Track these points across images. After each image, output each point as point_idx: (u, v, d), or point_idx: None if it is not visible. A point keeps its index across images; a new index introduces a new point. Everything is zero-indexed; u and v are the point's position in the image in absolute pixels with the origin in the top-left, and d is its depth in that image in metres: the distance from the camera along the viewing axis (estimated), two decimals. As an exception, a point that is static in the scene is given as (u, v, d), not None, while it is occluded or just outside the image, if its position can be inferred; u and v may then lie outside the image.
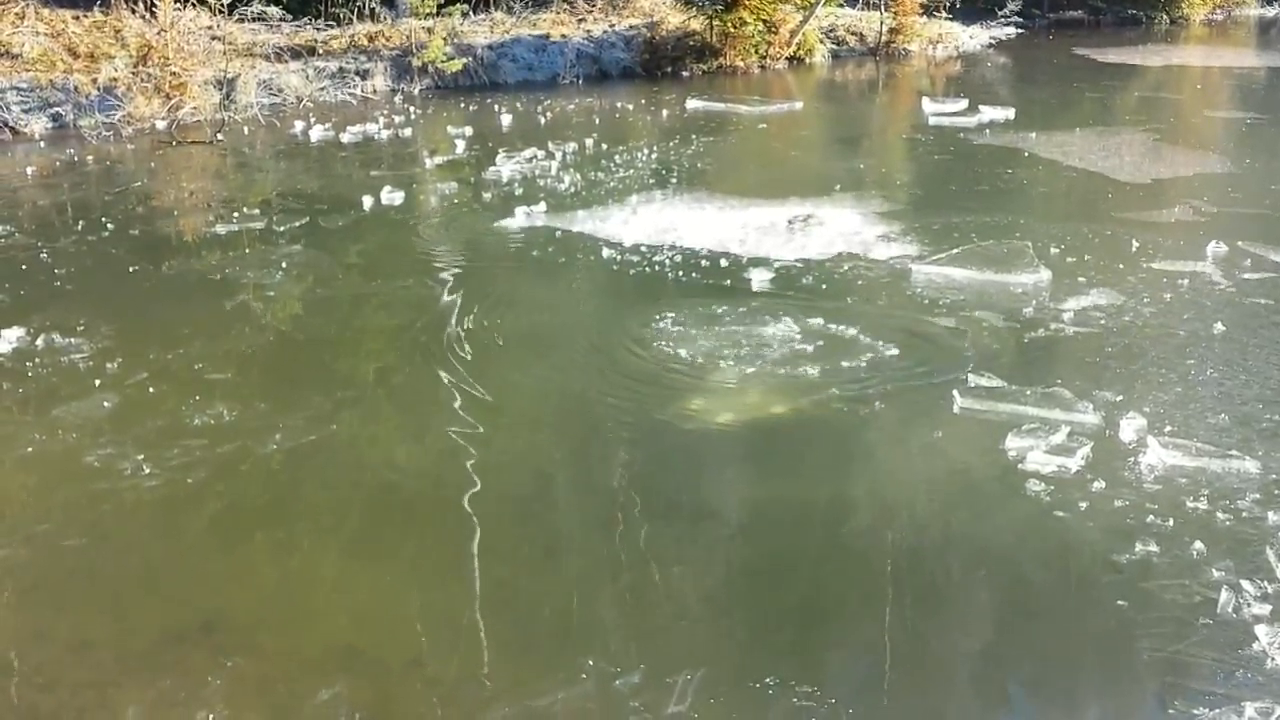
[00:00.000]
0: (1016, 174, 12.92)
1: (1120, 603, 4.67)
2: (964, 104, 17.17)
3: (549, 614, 4.76)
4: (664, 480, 5.85)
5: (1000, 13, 28.72)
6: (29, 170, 13.96)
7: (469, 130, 16.01)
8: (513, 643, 4.58)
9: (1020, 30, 29.00)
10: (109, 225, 11.00)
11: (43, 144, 15.92)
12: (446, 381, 6.94)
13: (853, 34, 25.42)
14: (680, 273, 9.02)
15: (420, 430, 6.39)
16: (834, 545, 5.26)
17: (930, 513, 5.42)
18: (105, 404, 6.65)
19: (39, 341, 7.59)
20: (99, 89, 16.98)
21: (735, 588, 4.98)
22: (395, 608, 4.81)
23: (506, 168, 13.26)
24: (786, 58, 23.45)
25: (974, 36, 26.91)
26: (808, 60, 23.94)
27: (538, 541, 5.33)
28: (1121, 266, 8.87)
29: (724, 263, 9.19)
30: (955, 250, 9.03)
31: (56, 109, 16.80)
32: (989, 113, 16.58)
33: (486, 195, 12.16)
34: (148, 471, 5.86)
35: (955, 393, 6.44)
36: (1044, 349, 7.34)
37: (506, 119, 17.18)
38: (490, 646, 4.51)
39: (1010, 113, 16.62)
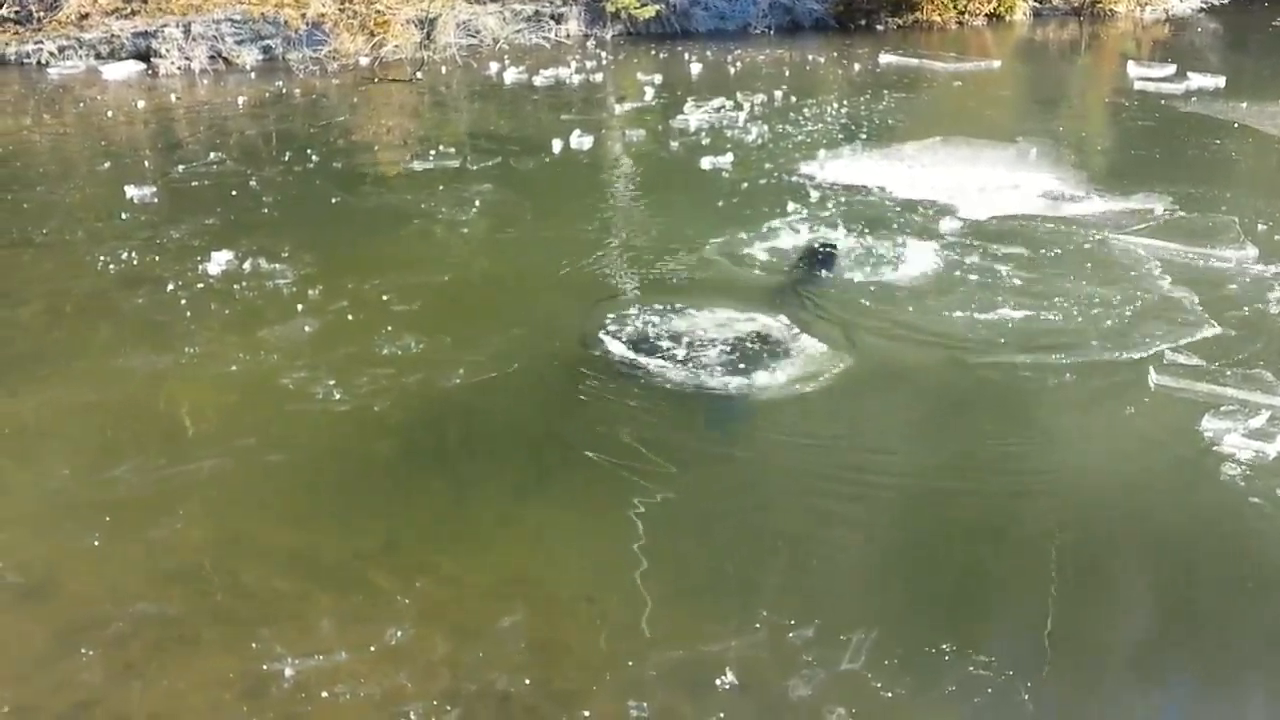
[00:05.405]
0: (1224, 145, 12.29)
1: (1314, 597, 4.48)
2: (1171, 70, 16.39)
3: (718, 562, 4.80)
4: (836, 434, 5.81)
5: (1214, -24, 27.22)
6: (240, 100, 14.63)
7: (658, 78, 16.06)
8: (680, 587, 4.63)
9: (1235, -5, 27.42)
10: (313, 157, 11.46)
11: (253, 75, 16.65)
12: (625, 327, 7.00)
13: (1057, -8, 24.49)
14: (866, 229, 8.89)
15: (595, 374, 6.44)
16: (1011, 517, 5.16)
17: (1117, 490, 5.26)
18: (305, 329, 6.95)
19: (246, 265, 7.98)
20: (307, 24, 17.62)
21: (907, 552, 4.93)
22: (564, 543, 4.92)
23: (694, 117, 13.26)
24: (986, 14, 22.76)
25: (1184, 0, 25.62)
26: (1008, 17, 23.17)
27: (708, 489, 5.35)
28: (1337, 247, 8.39)
29: (917, 217, 9.04)
30: (1156, 221, 8.68)
31: (267, 42, 17.52)
32: (1197, 80, 15.78)
33: (673, 144, 12.19)
34: (338, 397, 6.10)
35: (1151, 369, 6.22)
36: (1246, 328, 7.00)
37: (696, 68, 17.17)
38: (657, 589, 4.56)
39: (1220, 81, 15.78)
